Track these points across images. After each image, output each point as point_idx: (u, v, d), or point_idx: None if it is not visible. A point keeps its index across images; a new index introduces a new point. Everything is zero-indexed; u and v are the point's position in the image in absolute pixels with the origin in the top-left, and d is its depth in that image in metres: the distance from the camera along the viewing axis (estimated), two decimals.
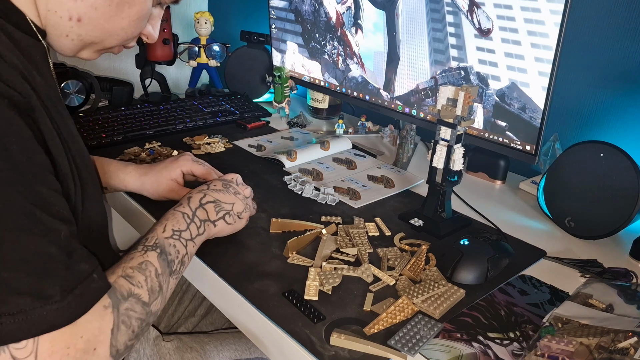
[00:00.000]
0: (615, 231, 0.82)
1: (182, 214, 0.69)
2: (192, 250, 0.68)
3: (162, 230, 0.66)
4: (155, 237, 0.64)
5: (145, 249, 0.62)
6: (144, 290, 0.59)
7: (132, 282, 0.58)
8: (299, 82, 1.40)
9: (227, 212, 0.75)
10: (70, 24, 0.60)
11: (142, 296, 0.58)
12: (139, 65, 1.41)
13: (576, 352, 0.57)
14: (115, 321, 0.54)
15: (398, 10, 1.08)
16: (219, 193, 0.75)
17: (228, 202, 0.75)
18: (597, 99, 1.00)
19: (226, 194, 0.75)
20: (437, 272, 0.72)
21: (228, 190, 0.76)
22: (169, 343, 0.84)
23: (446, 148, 0.80)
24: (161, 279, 0.61)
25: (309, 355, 0.58)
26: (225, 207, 0.74)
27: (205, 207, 0.72)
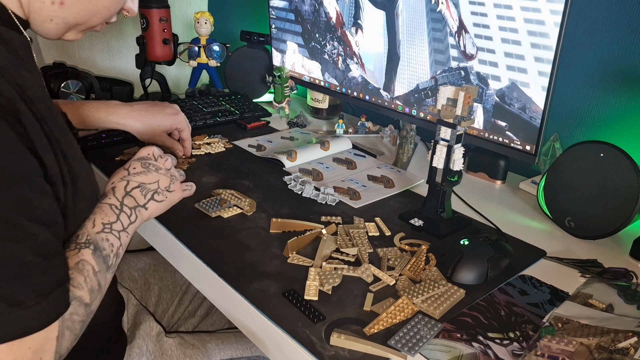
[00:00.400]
0: (615, 231, 0.82)
1: (110, 205, 0.67)
2: (125, 240, 0.67)
3: (92, 226, 0.63)
4: (85, 233, 0.62)
5: (79, 247, 0.60)
6: (85, 291, 0.57)
7: (73, 284, 0.56)
8: (299, 82, 1.40)
9: (154, 191, 0.73)
10: (53, 8, 0.59)
11: (83, 298, 0.57)
12: (139, 65, 1.41)
13: (576, 352, 0.57)
14: (60, 328, 0.53)
15: (398, 10, 1.08)
16: (141, 175, 0.72)
17: (152, 182, 0.73)
18: (597, 99, 1.00)
19: (148, 174, 0.73)
20: (437, 272, 0.72)
21: (149, 169, 0.73)
22: (171, 339, 0.84)
23: (446, 148, 0.80)
24: (99, 277, 0.60)
25: (309, 355, 0.58)
26: (151, 187, 0.72)
27: (131, 194, 0.70)
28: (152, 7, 1.31)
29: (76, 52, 1.41)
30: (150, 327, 0.85)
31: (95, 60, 1.45)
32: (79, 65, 1.37)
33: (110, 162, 1.01)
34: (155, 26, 1.32)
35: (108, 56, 1.47)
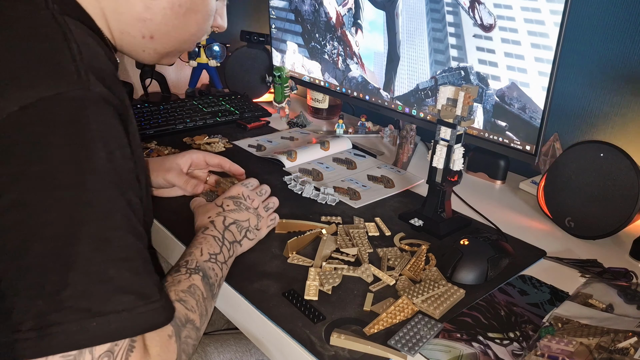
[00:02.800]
0: (615, 231, 0.82)
1: (214, 237, 0.70)
2: (225, 272, 0.69)
3: (200, 254, 0.66)
4: (195, 260, 0.65)
5: (189, 272, 0.63)
6: (196, 315, 0.59)
7: (187, 307, 0.58)
8: (299, 82, 1.40)
9: (247, 229, 0.76)
10: (144, 42, 0.63)
11: (196, 322, 0.59)
12: (139, 65, 1.41)
13: (576, 352, 0.57)
14: (178, 350, 0.54)
15: (398, 10, 1.08)
16: (235, 213, 0.75)
17: (244, 220, 0.76)
18: (597, 99, 1.00)
19: (240, 212, 0.76)
20: (437, 272, 0.72)
21: (240, 208, 0.77)
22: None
23: (446, 148, 0.80)
24: (207, 303, 0.62)
25: (309, 355, 0.58)
26: (244, 225, 0.76)
27: (230, 229, 0.73)
28: None
29: None
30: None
31: None
32: None
33: None
34: None
35: None
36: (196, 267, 0.64)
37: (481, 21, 0.94)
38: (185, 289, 0.60)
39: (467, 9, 0.96)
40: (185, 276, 0.62)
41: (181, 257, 0.66)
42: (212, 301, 0.64)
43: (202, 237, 0.70)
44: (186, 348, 0.56)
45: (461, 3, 0.96)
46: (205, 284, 0.63)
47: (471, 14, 0.95)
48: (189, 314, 0.58)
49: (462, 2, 0.96)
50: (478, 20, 0.94)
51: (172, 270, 0.64)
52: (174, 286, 0.60)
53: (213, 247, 0.69)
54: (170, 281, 0.61)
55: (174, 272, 0.63)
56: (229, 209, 0.75)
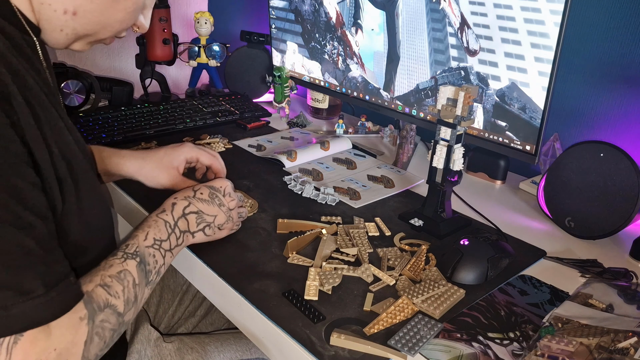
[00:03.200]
0: (615, 231, 0.82)
1: (165, 222, 0.68)
2: (168, 261, 0.67)
3: (143, 238, 0.64)
4: (136, 244, 0.63)
5: (125, 256, 0.61)
6: (120, 301, 0.58)
7: (110, 292, 0.57)
8: (299, 82, 1.40)
9: (208, 224, 0.73)
10: (64, 18, 0.58)
11: (118, 307, 0.57)
12: (139, 65, 1.41)
13: (576, 352, 0.57)
14: (90, 333, 0.53)
15: (398, 10, 1.08)
16: (204, 203, 0.73)
17: (210, 214, 0.73)
18: (597, 99, 1.00)
19: (210, 204, 0.73)
20: (437, 272, 0.72)
21: (213, 201, 0.74)
22: (170, 344, 0.84)
23: (446, 148, 0.80)
24: (137, 290, 0.61)
25: (309, 355, 0.58)
26: (207, 218, 0.73)
27: (187, 217, 0.71)
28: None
29: (76, 52, 1.41)
30: (149, 331, 0.85)
31: (95, 60, 1.45)
32: (79, 65, 1.37)
33: None
34: (155, 26, 1.32)
35: (108, 56, 1.47)
36: (135, 252, 0.62)
37: (467, 45, 0.96)
38: (114, 274, 0.59)
39: (455, 31, 0.97)
40: (120, 260, 0.60)
41: (125, 238, 0.65)
42: (147, 288, 0.63)
43: (153, 219, 0.68)
44: (101, 332, 0.55)
45: (452, 23, 0.97)
46: (140, 270, 0.61)
47: (459, 35, 0.97)
48: (110, 299, 0.56)
49: (453, 23, 0.97)
50: (464, 44, 0.96)
51: (111, 254, 0.62)
52: (103, 270, 0.59)
53: (161, 233, 0.66)
54: (103, 265, 0.60)
55: (111, 255, 0.61)
56: (199, 198, 0.73)
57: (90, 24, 0.60)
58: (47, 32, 0.60)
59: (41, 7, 0.57)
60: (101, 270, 0.59)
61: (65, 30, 0.59)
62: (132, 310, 0.60)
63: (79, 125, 1.14)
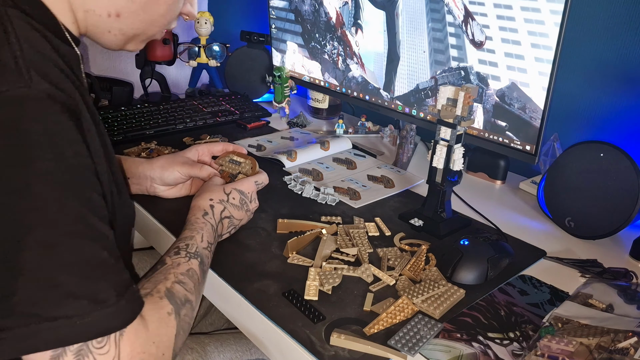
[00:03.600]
0: (615, 231, 0.82)
1: (212, 226, 0.72)
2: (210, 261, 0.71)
3: (200, 240, 0.68)
4: (196, 245, 0.67)
5: (189, 256, 0.65)
6: (194, 296, 0.62)
7: (186, 288, 0.60)
8: (299, 82, 1.40)
9: (234, 227, 0.78)
10: (110, 20, 0.60)
11: (193, 302, 0.61)
12: (139, 65, 1.41)
13: (576, 352, 0.57)
14: (178, 327, 0.57)
15: (398, 10, 1.08)
16: (235, 209, 0.76)
17: (238, 219, 0.78)
18: (597, 99, 1.00)
19: (240, 210, 0.77)
20: (437, 272, 0.72)
21: (242, 207, 0.78)
22: None
23: (446, 148, 0.80)
24: (201, 288, 0.65)
25: (309, 355, 0.58)
26: (235, 222, 0.77)
27: (223, 222, 0.74)
28: None
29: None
30: None
31: (95, 60, 1.45)
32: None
33: None
34: None
35: (108, 56, 1.47)
36: (196, 253, 0.66)
37: (472, 37, 0.95)
38: (184, 271, 0.62)
39: (460, 23, 0.97)
40: (185, 259, 0.64)
41: (181, 239, 0.68)
42: (203, 286, 0.67)
43: (203, 222, 0.71)
44: (184, 325, 0.59)
45: (455, 16, 0.97)
46: (201, 270, 0.65)
47: (464, 28, 0.96)
48: (187, 295, 0.60)
49: (456, 16, 0.97)
50: (470, 36, 0.95)
51: (172, 252, 0.65)
52: (173, 269, 0.62)
53: (211, 236, 0.71)
54: (170, 263, 0.63)
55: (174, 254, 0.64)
56: (232, 203, 0.76)
57: (136, 23, 0.62)
58: (97, 36, 0.63)
59: (86, 15, 0.60)
60: (172, 269, 0.62)
61: (113, 31, 0.62)
62: (198, 306, 0.64)
63: None
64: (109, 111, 1.22)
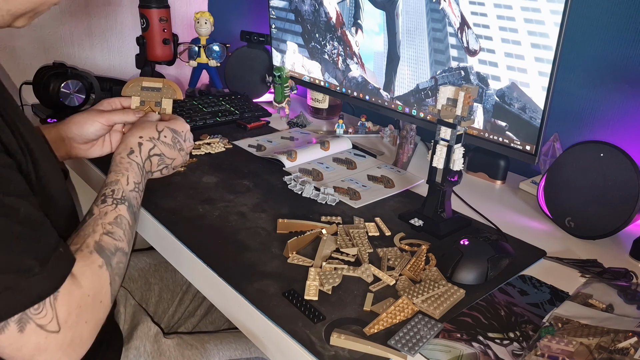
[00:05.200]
0: (615, 231, 0.82)
1: (137, 164, 0.72)
2: (140, 201, 0.72)
3: (126, 183, 0.69)
4: (121, 189, 0.68)
5: (116, 202, 0.66)
6: (124, 243, 0.64)
7: (115, 238, 0.63)
8: (299, 82, 1.40)
9: (166, 166, 0.78)
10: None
11: (124, 248, 0.64)
12: (139, 65, 1.41)
13: (576, 352, 0.57)
14: (111, 275, 0.61)
15: (398, 10, 1.08)
16: (167, 147, 0.77)
17: (170, 157, 0.78)
18: (597, 99, 1.00)
19: (172, 149, 0.77)
20: (437, 272, 0.72)
21: (175, 145, 0.78)
22: (170, 340, 0.84)
23: (446, 148, 0.80)
24: (132, 230, 0.67)
25: (309, 355, 0.58)
26: (166, 161, 0.77)
27: (151, 159, 0.75)
28: (152, 7, 1.31)
29: (76, 52, 1.42)
30: (149, 327, 0.85)
31: (95, 60, 1.45)
32: (79, 65, 1.37)
33: None
34: (155, 26, 1.32)
35: (108, 56, 1.47)
36: (122, 197, 0.67)
37: (467, 45, 0.95)
38: (112, 220, 0.64)
39: (455, 30, 0.97)
40: (112, 207, 0.65)
41: (107, 185, 0.68)
42: (136, 226, 0.68)
43: (127, 162, 0.72)
44: (119, 271, 0.63)
45: (452, 23, 0.97)
46: (130, 212, 0.67)
47: (459, 35, 0.96)
48: (117, 244, 0.63)
49: (452, 23, 0.97)
50: (464, 44, 0.96)
51: (99, 200, 0.66)
52: (100, 219, 0.64)
53: (137, 176, 0.71)
54: (97, 214, 0.65)
55: (100, 202, 0.66)
56: (163, 141, 0.76)
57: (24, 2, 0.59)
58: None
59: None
60: (99, 219, 0.64)
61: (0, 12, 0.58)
62: (131, 248, 0.66)
63: None
64: None
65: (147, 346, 0.83)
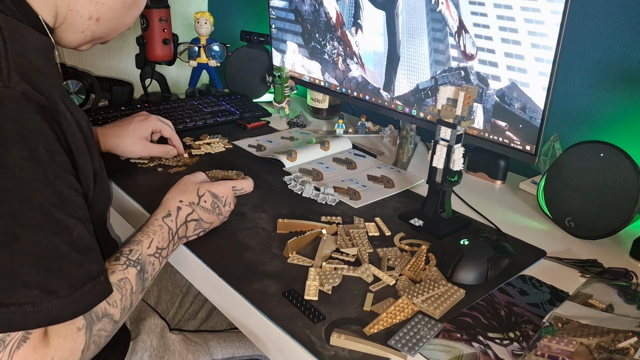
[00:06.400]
0: (615, 231, 0.82)
1: (169, 229, 0.70)
2: (162, 265, 0.70)
3: (147, 246, 0.67)
4: (139, 251, 0.65)
5: (128, 263, 0.63)
6: (117, 309, 0.60)
7: (109, 302, 0.59)
8: (299, 82, 1.40)
9: (203, 229, 0.76)
10: (88, 23, 0.65)
11: (114, 315, 0.60)
12: (139, 65, 1.41)
13: (576, 352, 0.57)
14: (87, 342, 0.56)
15: (398, 10, 1.08)
16: (206, 213, 0.75)
17: (208, 222, 0.76)
18: (597, 99, 1.00)
19: (211, 214, 0.76)
20: (437, 272, 0.72)
21: (214, 211, 0.76)
22: (175, 335, 0.84)
23: (446, 148, 0.80)
24: (134, 297, 0.63)
25: (309, 355, 0.58)
26: (204, 225, 0.76)
27: (187, 224, 0.73)
28: (152, 7, 1.31)
29: (76, 52, 1.41)
30: (155, 323, 0.85)
31: (95, 60, 1.45)
32: (79, 65, 1.37)
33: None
34: (155, 26, 1.32)
35: (108, 56, 1.47)
36: (137, 260, 0.64)
37: (464, 49, 0.96)
38: (114, 282, 0.61)
39: (453, 34, 0.97)
40: (122, 267, 0.63)
41: (129, 243, 0.67)
42: (141, 294, 0.66)
43: (159, 225, 0.70)
44: (97, 340, 0.58)
45: (449, 26, 0.97)
46: (139, 278, 0.64)
47: (456, 39, 0.97)
48: (108, 309, 0.59)
49: (450, 26, 0.97)
50: (461, 47, 0.96)
51: (113, 256, 0.64)
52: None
53: (163, 241, 0.69)
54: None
55: (114, 259, 0.64)
56: (202, 206, 0.75)
57: (107, 29, 0.68)
58: (68, 32, 0.66)
59: (69, 13, 0.64)
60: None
61: (86, 32, 0.67)
62: (126, 316, 0.63)
63: None
64: (109, 111, 1.22)
65: (153, 340, 0.83)
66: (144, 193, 0.90)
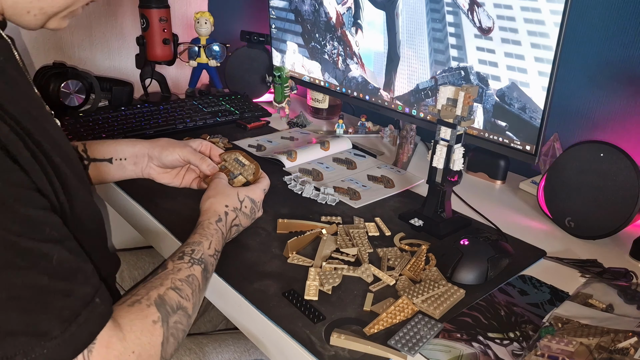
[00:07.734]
0: (615, 231, 0.82)
1: (222, 233, 0.71)
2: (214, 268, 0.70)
3: (207, 247, 0.67)
4: (202, 251, 0.66)
5: (192, 261, 0.64)
6: (190, 303, 0.60)
7: (182, 295, 0.59)
8: (299, 82, 1.40)
9: (239, 232, 0.78)
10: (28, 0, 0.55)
11: (188, 309, 0.60)
12: (139, 65, 1.41)
13: (576, 352, 0.57)
14: (165, 334, 0.55)
15: (398, 10, 1.08)
16: (244, 217, 0.77)
17: (245, 225, 0.78)
18: (597, 99, 1.00)
19: (248, 219, 0.78)
20: (437, 272, 0.72)
21: (251, 216, 0.78)
22: None
23: (446, 148, 0.80)
24: (200, 295, 0.64)
25: (309, 355, 0.58)
26: (241, 229, 0.77)
27: (231, 229, 0.74)
28: (152, 7, 1.31)
29: (76, 52, 1.41)
30: None
31: (95, 60, 1.45)
32: (79, 65, 1.37)
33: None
34: (155, 26, 1.32)
35: (108, 56, 1.47)
36: (200, 259, 0.65)
37: (480, 24, 0.94)
38: (183, 277, 0.61)
39: (466, 12, 0.96)
40: (187, 265, 0.63)
41: (188, 244, 0.67)
42: (204, 292, 0.66)
43: (215, 229, 0.70)
44: (175, 333, 0.57)
45: (460, 5, 0.96)
46: (203, 277, 0.65)
47: (470, 16, 0.95)
48: (182, 302, 0.59)
49: (461, 5, 0.96)
50: (477, 23, 0.94)
51: (176, 256, 0.64)
52: (172, 274, 0.61)
53: (220, 244, 0.70)
54: (171, 268, 0.62)
55: (177, 258, 0.64)
56: (244, 211, 0.76)
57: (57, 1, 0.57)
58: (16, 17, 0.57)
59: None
60: (171, 274, 0.61)
61: (33, 11, 0.56)
62: (196, 312, 0.63)
63: (79, 125, 1.14)
64: (109, 111, 1.22)
65: None
66: (143, 193, 0.90)
